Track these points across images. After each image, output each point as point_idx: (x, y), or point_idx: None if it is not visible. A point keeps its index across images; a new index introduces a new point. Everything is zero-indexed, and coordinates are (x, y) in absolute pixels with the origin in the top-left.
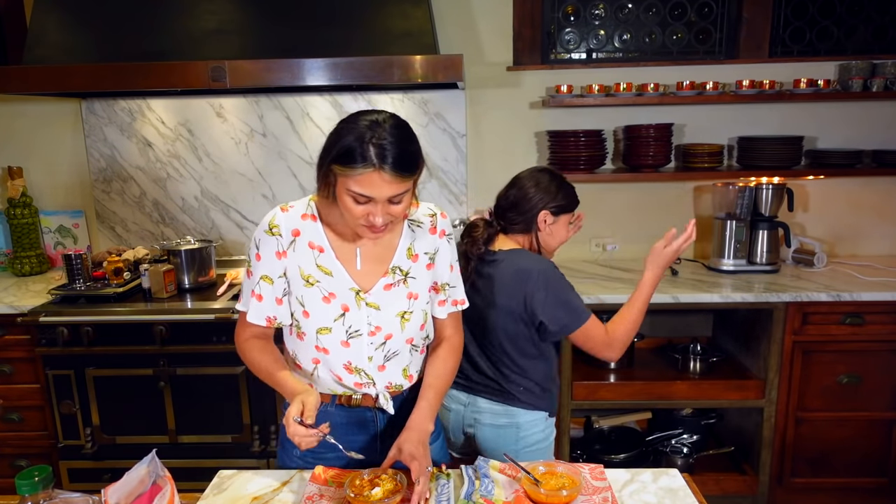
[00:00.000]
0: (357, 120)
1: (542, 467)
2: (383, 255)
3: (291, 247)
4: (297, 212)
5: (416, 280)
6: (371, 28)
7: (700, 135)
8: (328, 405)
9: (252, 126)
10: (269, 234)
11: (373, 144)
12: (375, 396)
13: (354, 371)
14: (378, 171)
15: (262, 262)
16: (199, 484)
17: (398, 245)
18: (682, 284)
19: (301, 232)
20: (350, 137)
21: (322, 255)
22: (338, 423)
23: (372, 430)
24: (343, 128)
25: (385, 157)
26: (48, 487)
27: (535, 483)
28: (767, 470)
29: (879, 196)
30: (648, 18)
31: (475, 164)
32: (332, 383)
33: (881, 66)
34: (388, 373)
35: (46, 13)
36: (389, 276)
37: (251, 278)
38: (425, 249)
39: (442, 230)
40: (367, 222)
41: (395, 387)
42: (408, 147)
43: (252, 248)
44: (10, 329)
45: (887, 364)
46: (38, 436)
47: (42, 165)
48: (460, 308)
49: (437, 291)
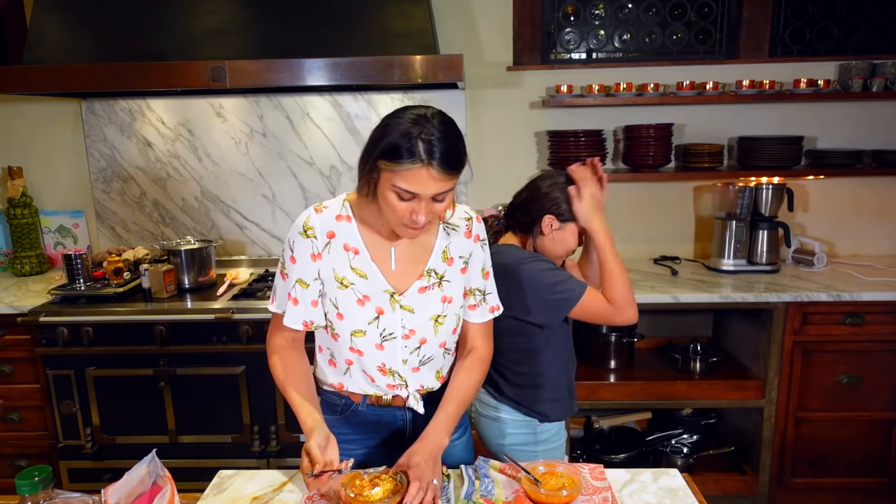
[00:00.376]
0: (404, 115)
1: (542, 467)
2: (419, 256)
3: (326, 249)
4: (331, 213)
5: (450, 284)
6: (371, 28)
7: (700, 135)
8: (359, 405)
9: (252, 126)
10: (303, 237)
11: (421, 140)
12: (406, 397)
13: (388, 373)
14: (426, 167)
15: (297, 264)
16: (199, 484)
17: (434, 247)
18: (682, 284)
19: (336, 234)
20: (397, 133)
21: (357, 256)
22: (368, 421)
23: (401, 429)
24: (389, 123)
25: (433, 153)
26: (48, 487)
27: (534, 483)
28: (767, 470)
29: (879, 196)
30: (648, 18)
31: (475, 164)
32: (364, 383)
33: (881, 66)
34: (420, 375)
35: (46, 13)
36: (424, 278)
37: (286, 281)
38: (460, 253)
39: (476, 234)
40: (409, 221)
41: (426, 389)
42: (455, 143)
43: (286, 249)
44: (10, 329)
45: (887, 364)
46: (38, 436)
47: (42, 165)
48: (496, 315)
49: (467, 296)
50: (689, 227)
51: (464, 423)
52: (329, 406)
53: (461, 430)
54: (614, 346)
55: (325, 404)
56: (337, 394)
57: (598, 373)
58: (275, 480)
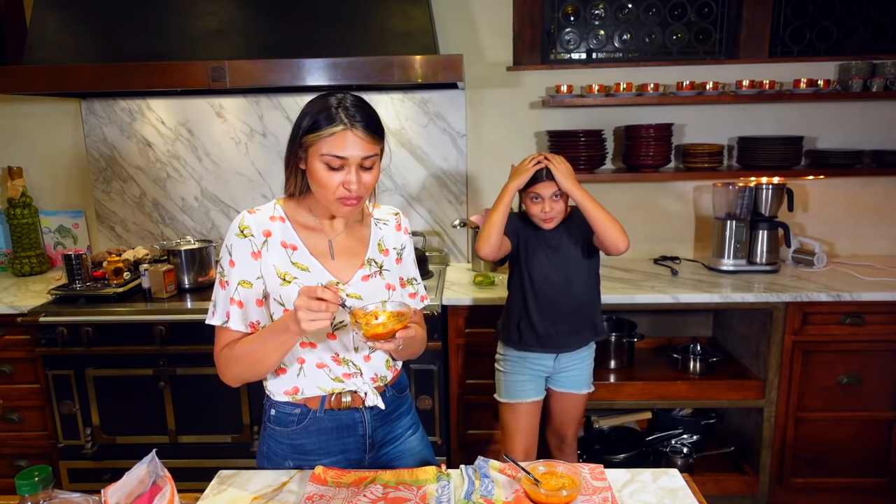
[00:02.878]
0: (317, 98)
1: (542, 467)
2: (357, 248)
3: (265, 247)
4: (264, 214)
5: (389, 272)
6: (371, 28)
7: (700, 135)
8: (316, 412)
9: (252, 126)
10: (241, 237)
11: (341, 108)
12: (364, 395)
13: (342, 362)
14: (350, 130)
15: (237, 267)
16: (199, 484)
17: (370, 239)
18: (682, 284)
19: (272, 232)
20: (315, 109)
21: (296, 252)
22: (327, 427)
23: (360, 431)
24: (306, 107)
25: (355, 116)
26: (48, 487)
27: (534, 483)
28: (767, 470)
29: (879, 196)
30: (648, 18)
31: (475, 164)
32: (320, 380)
33: (881, 66)
34: (373, 363)
35: (46, 13)
36: (366, 267)
37: (227, 288)
38: (394, 245)
39: (405, 228)
40: (342, 193)
41: (380, 379)
42: (372, 111)
43: (224, 255)
44: (10, 329)
45: (887, 364)
46: (38, 436)
47: (42, 165)
48: (426, 304)
49: (405, 286)
50: (689, 227)
51: (415, 420)
52: (285, 419)
53: (414, 427)
54: (614, 346)
55: (280, 419)
56: (292, 404)
57: (598, 373)
58: (275, 480)
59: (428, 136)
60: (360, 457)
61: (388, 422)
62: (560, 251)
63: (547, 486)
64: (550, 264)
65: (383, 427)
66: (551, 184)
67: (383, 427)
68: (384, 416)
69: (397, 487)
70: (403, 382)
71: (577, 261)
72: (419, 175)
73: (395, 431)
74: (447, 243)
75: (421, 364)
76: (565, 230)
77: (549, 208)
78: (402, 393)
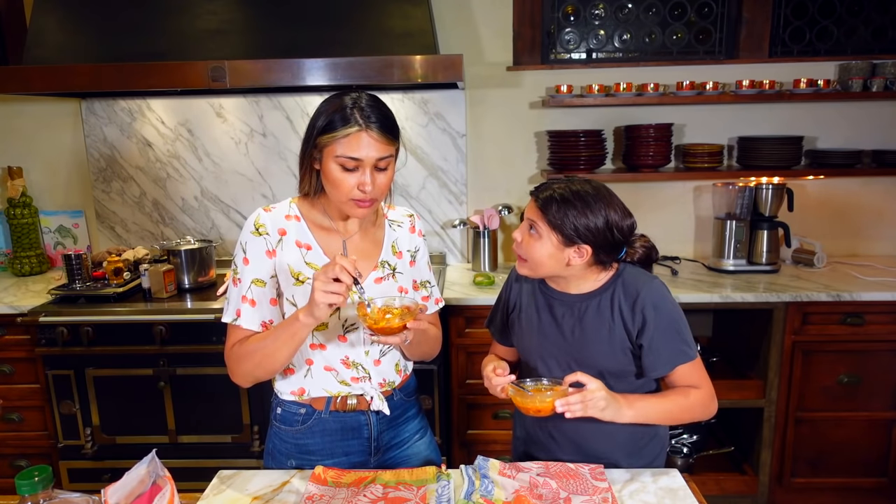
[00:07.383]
0: (332, 97)
1: (530, 381)
2: (370, 250)
3: (279, 245)
4: (279, 212)
5: (402, 275)
6: (371, 28)
7: (700, 135)
8: (322, 412)
9: (252, 126)
10: (256, 235)
11: (356, 108)
12: (370, 399)
13: (352, 366)
14: (365, 131)
15: (251, 265)
16: (199, 484)
17: (384, 241)
18: (682, 284)
19: (287, 231)
20: (330, 109)
21: (310, 252)
22: (332, 429)
23: (365, 434)
24: (320, 108)
25: (370, 117)
26: (48, 487)
27: (521, 389)
28: (767, 470)
29: (879, 196)
30: (648, 18)
31: (475, 164)
32: (327, 382)
33: (881, 66)
34: (382, 367)
35: (46, 13)
36: (379, 269)
37: (239, 285)
38: (407, 247)
39: (419, 230)
40: (356, 195)
41: (388, 384)
42: (387, 111)
43: (238, 252)
44: (10, 329)
45: (887, 364)
46: (38, 436)
47: (42, 165)
48: (441, 306)
49: (418, 289)
50: (689, 227)
51: (423, 424)
52: (290, 418)
53: (422, 431)
54: None
55: (286, 417)
56: (298, 403)
57: None
58: (275, 480)
59: (428, 136)
60: (364, 459)
61: (395, 426)
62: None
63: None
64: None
65: (389, 430)
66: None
67: (389, 430)
68: (390, 419)
69: (397, 487)
70: (412, 386)
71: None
72: (419, 175)
73: (402, 435)
74: (447, 243)
75: (421, 364)
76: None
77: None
78: (411, 397)
